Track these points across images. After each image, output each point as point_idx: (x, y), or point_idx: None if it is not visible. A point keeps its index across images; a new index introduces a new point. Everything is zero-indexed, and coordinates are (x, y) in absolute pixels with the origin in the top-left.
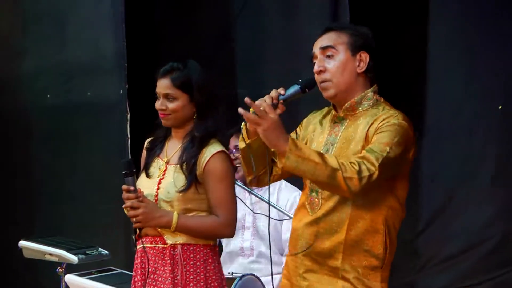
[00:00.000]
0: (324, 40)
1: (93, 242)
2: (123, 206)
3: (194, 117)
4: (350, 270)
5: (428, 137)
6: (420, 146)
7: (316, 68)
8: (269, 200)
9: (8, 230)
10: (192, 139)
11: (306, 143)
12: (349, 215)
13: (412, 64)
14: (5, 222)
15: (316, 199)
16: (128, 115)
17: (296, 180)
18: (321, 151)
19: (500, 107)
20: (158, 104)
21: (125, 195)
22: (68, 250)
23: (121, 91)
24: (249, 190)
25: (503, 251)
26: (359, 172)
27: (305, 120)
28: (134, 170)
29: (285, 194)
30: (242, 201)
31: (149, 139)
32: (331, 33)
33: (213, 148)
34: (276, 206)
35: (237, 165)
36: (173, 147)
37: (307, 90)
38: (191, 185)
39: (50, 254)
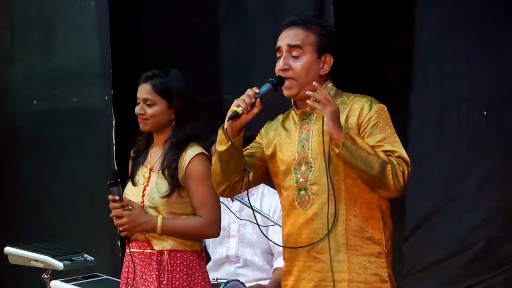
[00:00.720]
0: (292, 37)
1: (79, 249)
2: (110, 215)
3: (173, 124)
4: (355, 261)
5: (413, 143)
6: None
7: (281, 66)
8: (251, 205)
9: None
10: (171, 145)
11: (275, 150)
12: (344, 205)
13: (398, 69)
14: None
15: (306, 196)
16: (114, 121)
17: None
18: (297, 151)
19: (485, 112)
20: (137, 109)
21: (111, 204)
22: (53, 256)
23: (106, 98)
24: (238, 198)
25: (488, 257)
26: (403, 170)
27: (262, 129)
28: (119, 180)
29: (268, 200)
30: (229, 208)
31: (133, 149)
32: (299, 29)
33: (193, 151)
34: (262, 212)
35: None
36: (155, 154)
37: (279, 87)
38: (174, 190)
39: (36, 260)
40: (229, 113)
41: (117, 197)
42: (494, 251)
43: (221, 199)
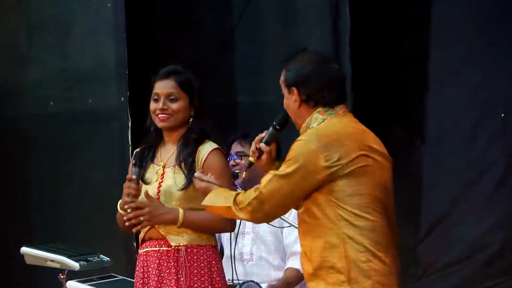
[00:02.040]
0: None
1: (95, 249)
2: (124, 205)
3: (190, 120)
4: None
5: (429, 145)
6: (421, 154)
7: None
8: None
9: (9, 238)
10: (187, 140)
11: None
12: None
13: (414, 71)
14: (5, 230)
15: None
16: (129, 123)
17: None
18: None
19: (502, 114)
20: (159, 105)
21: (126, 183)
22: (69, 257)
23: (122, 99)
24: None
25: (503, 260)
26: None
27: None
28: (144, 164)
29: None
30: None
31: (137, 150)
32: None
33: (210, 146)
34: None
35: (237, 171)
36: (167, 151)
37: (278, 127)
38: (191, 182)
39: (52, 261)
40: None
41: (134, 177)
42: (509, 254)
43: None
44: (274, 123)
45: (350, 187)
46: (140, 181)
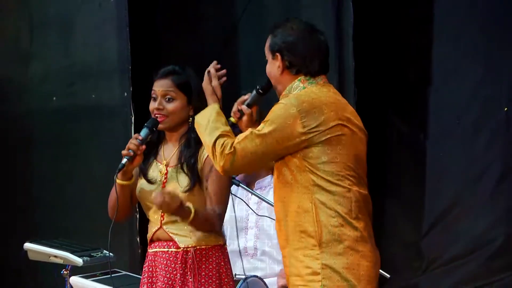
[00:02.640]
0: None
1: (97, 245)
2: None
3: (190, 120)
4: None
5: (433, 140)
6: (424, 149)
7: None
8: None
9: (11, 234)
10: (188, 140)
11: None
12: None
13: (416, 65)
14: (8, 226)
15: None
16: (133, 118)
17: None
18: None
19: (505, 109)
20: (155, 104)
21: (131, 140)
22: (72, 252)
23: (125, 94)
24: (251, 191)
25: (507, 254)
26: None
27: None
28: (155, 130)
29: None
30: (245, 202)
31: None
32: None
33: None
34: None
35: None
36: (169, 150)
37: (261, 91)
38: (195, 183)
39: (55, 256)
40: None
41: (140, 137)
42: None
43: (239, 192)
44: (257, 87)
45: (325, 154)
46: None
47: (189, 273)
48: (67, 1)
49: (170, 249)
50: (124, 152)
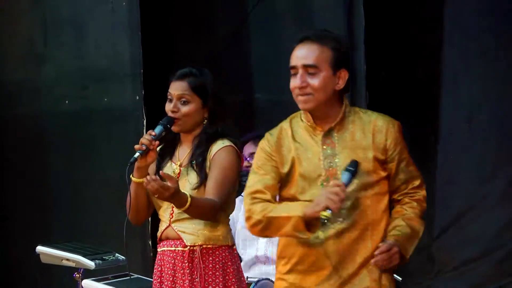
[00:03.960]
0: (306, 55)
1: (109, 248)
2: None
3: (204, 122)
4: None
5: (443, 142)
6: (435, 151)
7: (298, 83)
8: None
9: (25, 237)
10: (200, 140)
11: (293, 165)
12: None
13: (427, 68)
14: (22, 228)
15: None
16: (145, 121)
17: None
18: (324, 167)
19: None
20: (170, 106)
21: (144, 135)
22: (85, 256)
23: (137, 97)
24: None
25: None
26: (423, 205)
27: (267, 145)
28: (170, 127)
29: None
30: None
31: (161, 145)
32: (314, 45)
33: (222, 143)
34: None
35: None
36: (184, 151)
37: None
38: (203, 181)
39: (67, 260)
40: None
41: (154, 133)
42: None
43: None
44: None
45: None
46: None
47: (195, 272)
48: (80, 4)
49: (177, 248)
50: (136, 146)
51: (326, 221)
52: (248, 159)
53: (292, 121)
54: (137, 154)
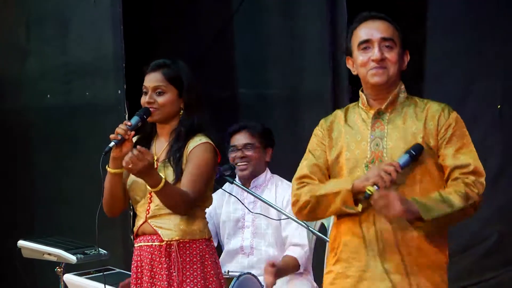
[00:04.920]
0: (383, 29)
1: (92, 242)
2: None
3: (181, 113)
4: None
5: None
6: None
7: (377, 56)
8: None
9: (7, 231)
10: (178, 135)
11: (341, 150)
12: None
13: (411, 64)
14: (4, 223)
15: None
16: (127, 115)
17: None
18: (370, 149)
19: (499, 106)
20: (146, 98)
21: (120, 125)
22: (66, 250)
23: (119, 92)
24: (246, 189)
25: (501, 252)
26: (476, 188)
27: (320, 130)
28: (146, 118)
29: (281, 192)
30: (241, 201)
31: (135, 139)
32: (386, 22)
33: (199, 139)
34: (275, 206)
35: (240, 164)
36: (161, 145)
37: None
38: (179, 178)
39: (49, 254)
40: None
41: (130, 123)
42: (507, 246)
43: (234, 191)
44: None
45: None
46: (129, 184)
47: (173, 267)
48: None
49: (154, 243)
50: (112, 136)
51: (368, 196)
52: (242, 149)
53: (349, 107)
54: (112, 143)
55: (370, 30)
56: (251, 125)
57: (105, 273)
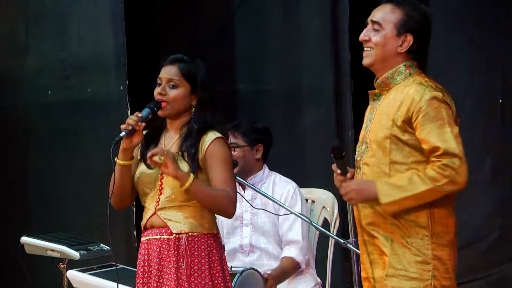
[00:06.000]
0: (378, 13)
1: (94, 238)
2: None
3: (193, 110)
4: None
5: None
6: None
7: (361, 36)
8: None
9: (8, 227)
10: (190, 130)
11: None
12: None
13: None
14: (5, 219)
15: (361, 175)
16: (129, 111)
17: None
18: (363, 131)
19: (500, 100)
20: (158, 89)
21: (131, 116)
22: (69, 246)
23: (121, 88)
24: (248, 184)
25: (504, 246)
26: (447, 171)
27: None
28: (156, 110)
29: (279, 189)
30: (243, 196)
31: (145, 132)
32: (388, 6)
33: (213, 134)
34: (276, 201)
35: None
36: (170, 138)
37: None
38: (195, 172)
39: (52, 250)
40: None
41: (141, 114)
42: (510, 241)
43: None
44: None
45: None
46: (140, 174)
47: (181, 260)
48: None
49: (162, 236)
50: (122, 126)
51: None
52: None
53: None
54: (122, 133)
55: (373, 12)
56: (233, 125)
57: (108, 269)
